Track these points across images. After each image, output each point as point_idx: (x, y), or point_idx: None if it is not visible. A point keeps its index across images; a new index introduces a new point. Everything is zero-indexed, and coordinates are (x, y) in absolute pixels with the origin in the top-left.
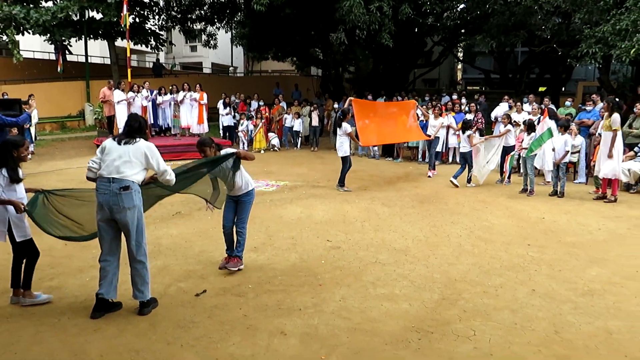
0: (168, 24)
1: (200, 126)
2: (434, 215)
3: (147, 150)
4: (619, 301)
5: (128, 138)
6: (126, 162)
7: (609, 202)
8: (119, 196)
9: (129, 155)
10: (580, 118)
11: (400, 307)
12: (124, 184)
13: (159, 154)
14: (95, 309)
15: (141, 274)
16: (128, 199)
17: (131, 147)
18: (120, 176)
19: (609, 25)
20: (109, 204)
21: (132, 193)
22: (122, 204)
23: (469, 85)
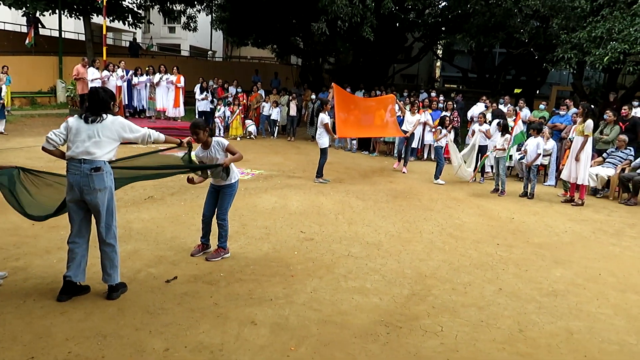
0: (147, 2)
1: (176, 110)
2: (407, 210)
3: (117, 125)
4: (580, 302)
5: (94, 115)
6: (96, 143)
7: (576, 206)
8: (90, 177)
9: (99, 134)
10: (554, 122)
11: (370, 301)
12: (95, 165)
13: (130, 123)
14: (62, 292)
15: (110, 257)
16: (99, 180)
17: (99, 125)
18: (91, 157)
19: (585, 32)
20: (80, 184)
21: (104, 174)
22: (93, 185)
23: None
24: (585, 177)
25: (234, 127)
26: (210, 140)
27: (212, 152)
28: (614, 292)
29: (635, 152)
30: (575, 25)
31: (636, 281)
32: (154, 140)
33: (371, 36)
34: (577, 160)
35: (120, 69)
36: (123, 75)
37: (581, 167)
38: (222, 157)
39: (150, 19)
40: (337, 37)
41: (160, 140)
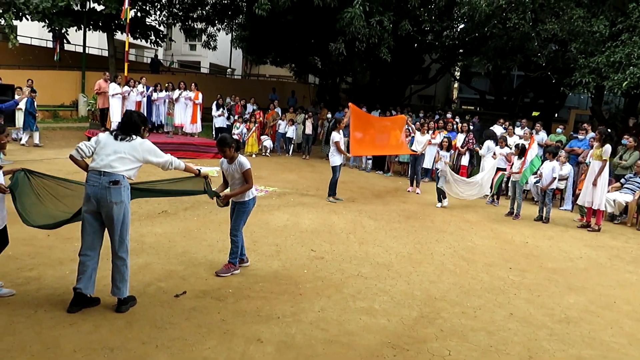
0: (169, 20)
1: (193, 126)
2: (419, 232)
3: (144, 147)
4: (594, 330)
5: (124, 135)
6: (121, 158)
7: (593, 231)
8: (108, 190)
9: (125, 151)
10: (572, 146)
11: (378, 322)
12: (114, 178)
13: (156, 148)
14: (73, 304)
15: (121, 271)
16: (116, 193)
17: (127, 144)
18: (112, 170)
19: (604, 56)
20: (97, 196)
21: (121, 188)
22: (110, 198)
23: (464, 104)
24: (602, 202)
25: (250, 144)
26: (236, 155)
27: (234, 167)
28: (629, 320)
29: None
30: (593, 50)
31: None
32: (174, 167)
33: (388, 57)
34: (594, 185)
35: (141, 84)
36: (143, 91)
37: (598, 192)
38: (239, 176)
39: (172, 36)
40: (355, 57)
41: (180, 168)
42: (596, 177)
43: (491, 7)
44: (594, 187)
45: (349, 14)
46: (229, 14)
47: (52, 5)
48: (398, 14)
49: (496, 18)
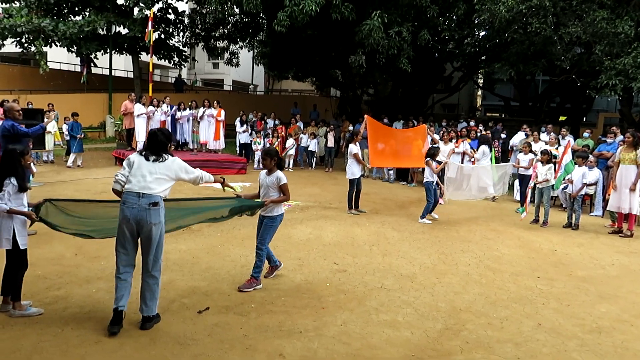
0: (192, 41)
1: (216, 142)
2: (444, 242)
3: (176, 165)
4: (627, 340)
5: (155, 155)
6: (157, 179)
7: (625, 237)
8: (148, 211)
9: (160, 172)
10: (600, 150)
11: (401, 335)
12: (154, 200)
13: (186, 165)
14: (114, 323)
15: (152, 289)
16: (155, 214)
17: (161, 164)
18: (151, 192)
19: (630, 57)
20: (137, 218)
21: (159, 209)
22: (150, 219)
23: (489, 112)
24: (636, 206)
25: None
26: (275, 169)
27: (271, 180)
28: None
29: None
30: (619, 51)
31: None
32: (205, 181)
33: (408, 67)
34: (633, 191)
35: (165, 104)
36: (167, 111)
37: (635, 196)
38: (275, 190)
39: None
40: (375, 69)
41: (210, 180)
42: (635, 181)
43: (511, 13)
44: (631, 192)
45: (367, 26)
46: (250, 32)
47: (78, 31)
48: (417, 24)
49: (517, 23)
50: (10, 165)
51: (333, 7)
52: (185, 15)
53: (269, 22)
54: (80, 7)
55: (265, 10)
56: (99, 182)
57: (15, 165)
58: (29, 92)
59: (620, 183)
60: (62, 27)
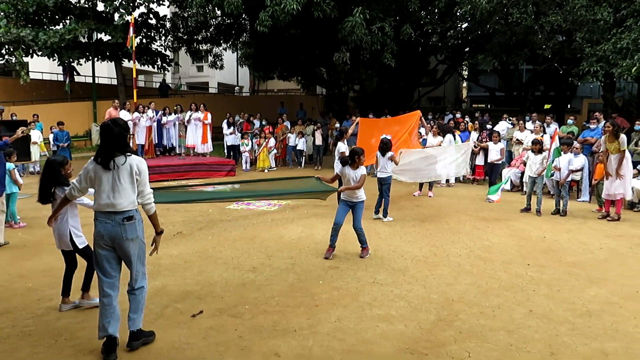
0: (174, 45)
1: (204, 146)
2: (435, 234)
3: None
4: (616, 322)
5: (109, 159)
6: (120, 192)
7: (613, 221)
8: (122, 227)
9: (119, 181)
10: (584, 136)
11: (395, 329)
12: (127, 215)
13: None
14: (109, 351)
15: (138, 299)
16: (131, 229)
17: (117, 172)
18: (120, 208)
19: (610, 44)
20: (111, 234)
21: (135, 223)
22: (125, 235)
23: (475, 103)
24: (629, 191)
25: (261, 160)
26: (361, 165)
27: (354, 174)
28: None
29: None
30: (599, 38)
31: None
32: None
33: (392, 62)
34: (620, 177)
35: (150, 109)
36: (153, 116)
37: (626, 182)
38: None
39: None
40: (360, 65)
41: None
42: (617, 167)
43: (492, 4)
44: (620, 179)
45: (349, 23)
46: (233, 33)
47: (59, 39)
48: (399, 19)
49: (498, 14)
50: (52, 176)
51: (314, 5)
52: (167, 19)
53: (252, 23)
54: (60, 15)
55: (247, 11)
56: None
57: (56, 175)
58: (12, 103)
59: (611, 172)
60: (42, 36)
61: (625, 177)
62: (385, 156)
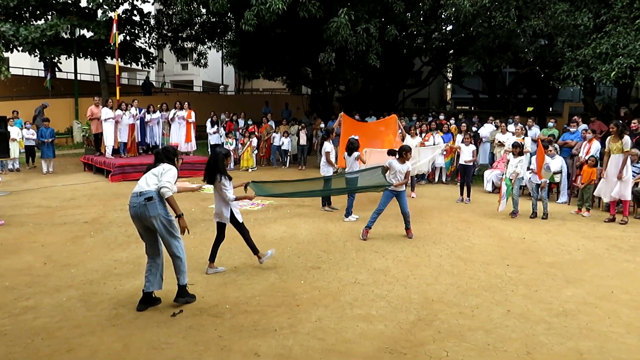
0: (159, 42)
1: (188, 144)
2: (416, 234)
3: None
4: (591, 322)
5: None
6: (148, 178)
7: (624, 224)
8: (146, 206)
9: (152, 172)
10: (564, 139)
11: (375, 328)
12: (148, 196)
13: (173, 174)
14: (142, 302)
15: (177, 265)
16: (152, 207)
17: (155, 168)
18: (144, 190)
19: (590, 48)
20: (138, 213)
21: (155, 203)
22: (146, 213)
23: (458, 104)
24: (629, 193)
25: (245, 159)
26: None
27: (404, 167)
28: (627, 310)
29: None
30: (579, 43)
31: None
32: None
33: (377, 63)
34: (620, 179)
35: (133, 107)
36: (136, 114)
37: (625, 184)
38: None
39: (163, 57)
40: (345, 66)
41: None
42: (621, 169)
43: (475, 7)
44: (620, 181)
45: (335, 23)
46: (218, 32)
47: (40, 35)
48: (384, 20)
49: (481, 17)
50: (218, 166)
51: (300, 5)
52: (151, 16)
53: (237, 22)
54: (41, 10)
55: (232, 10)
56: (67, 189)
57: (219, 165)
58: None
59: (611, 172)
60: (23, 31)
61: (625, 180)
62: (352, 156)
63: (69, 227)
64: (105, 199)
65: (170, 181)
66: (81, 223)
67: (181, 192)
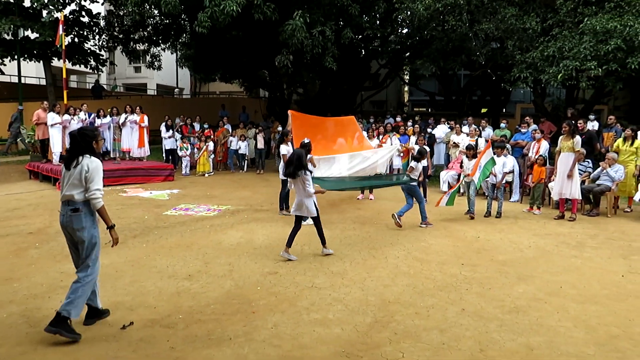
0: (109, 44)
1: (141, 150)
2: (374, 236)
3: (85, 167)
4: (541, 317)
5: (71, 161)
6: (72, 185)
7: (572, 220)
8: (71, 217)
9: (74, 178)
10: (516, 139)
11: (332, 332)
12: (74, 207)
13: (100, 176)
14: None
15: (75, 289)
16: (77, 220)
17: (76, 169)
18: (69, 199)
19: (538, 51)
20: (64, 225)
21: (81, 215)
22: (72, 225)
23: (416, 107)
24: (577, 191)
25: (201, 164)
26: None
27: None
28: (574, 304)
29: (593, 164)
30: (528, 46)
31: (595, 292)
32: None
33: (334, 66)
34: (570, 177)
35: (83, 112)
36: (85, 119)
37: (574, 182)
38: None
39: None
40: (302, 69)
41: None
42: (571, 167)
43: (429, 11)
44: (569, 179)
45: (290, 26)
46: (172, 34)
47: None
48: (340, 23)
49: (435, 21)
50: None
51: (255, 7)
52: (101, 17)
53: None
54: None
55: (185, 11)
56: (11, 199)
57: (302, 161)
58: None
59: (561, 170)
60: None
61: (574, 179)
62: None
63: (12, 239)
64: (52, 208)
65: (100, 188)
66: (25, 234)
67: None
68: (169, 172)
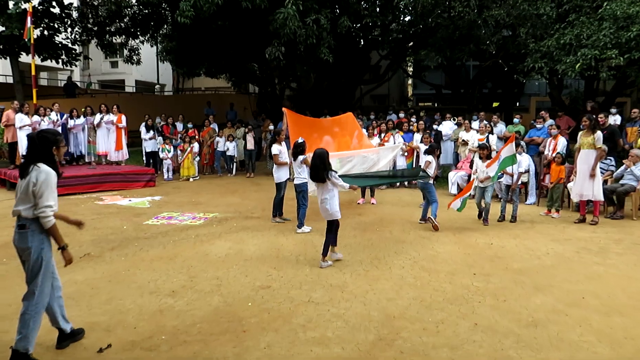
0: (83, 37)
1: (118, 153)
2: (377, 244)
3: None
4: (561, 331)
5: (25, 169)
6: (21, 199)
7: (594, 224)
8: (18, 234)
9: (22, 191)
10: (531, 136)
11: (331, 352)
12: (20, 223)
13: (52, 189)
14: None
15: (25, 319)
16: (22, 239)
17: (24, 180)
18: (18, 215)
19: (554, 39)
20: (14, 241)
21: (27, 233)
22: (17, 244)
23: (421, 101)
24: (599, 192)
25: (185, 167)
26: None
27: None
28: (598, 316)
29: (616, 162)
30: (542, 33)
31: (621, 302)
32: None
33: (330, 57)
34: (592, 177)
35: (54, 112)
36: (57, 120)
37: (596, 182)
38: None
39: (89, 54)
40: (295, 61)
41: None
42: (593, 166)
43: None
44: (590, 179)
45: (281, 14)
46: (152, 25)
47: None
48: (336, 10)
49: (440, 7)
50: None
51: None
52: (73, 8)
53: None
54: None
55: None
56: None
57: (326, 164)
58: None
59: (581, 168)
60: None
61: (596, 178)
62: (298, 160)
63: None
64: None
65: (51, 204)
66: None
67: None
68: (149, 177)
